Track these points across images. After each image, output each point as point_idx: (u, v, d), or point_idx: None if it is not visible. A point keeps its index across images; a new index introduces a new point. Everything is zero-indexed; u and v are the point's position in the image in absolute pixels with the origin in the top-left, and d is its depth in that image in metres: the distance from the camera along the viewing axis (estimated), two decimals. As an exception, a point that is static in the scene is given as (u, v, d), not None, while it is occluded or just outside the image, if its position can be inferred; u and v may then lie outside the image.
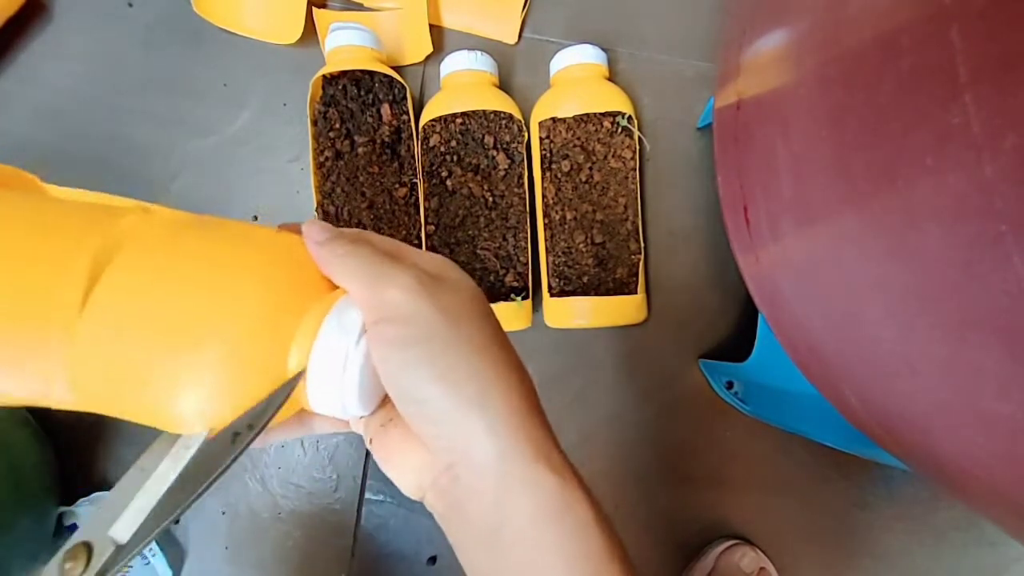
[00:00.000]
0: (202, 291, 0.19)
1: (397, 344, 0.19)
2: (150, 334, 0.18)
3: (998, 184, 0.15)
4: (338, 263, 0.21)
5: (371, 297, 0.20)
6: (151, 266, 0.19)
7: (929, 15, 0.17)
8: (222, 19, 0.51)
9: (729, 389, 0.49)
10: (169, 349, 0.18)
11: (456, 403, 0.19)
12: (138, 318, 0.18)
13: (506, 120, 0.48)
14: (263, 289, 0.20)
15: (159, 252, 0.19)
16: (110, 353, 0.18)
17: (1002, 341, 0.17)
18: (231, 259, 0.20)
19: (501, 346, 0.21)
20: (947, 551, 0.52)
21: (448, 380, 0.19)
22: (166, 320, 0.18)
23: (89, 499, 0.45)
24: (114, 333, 0.18)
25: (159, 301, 0.18)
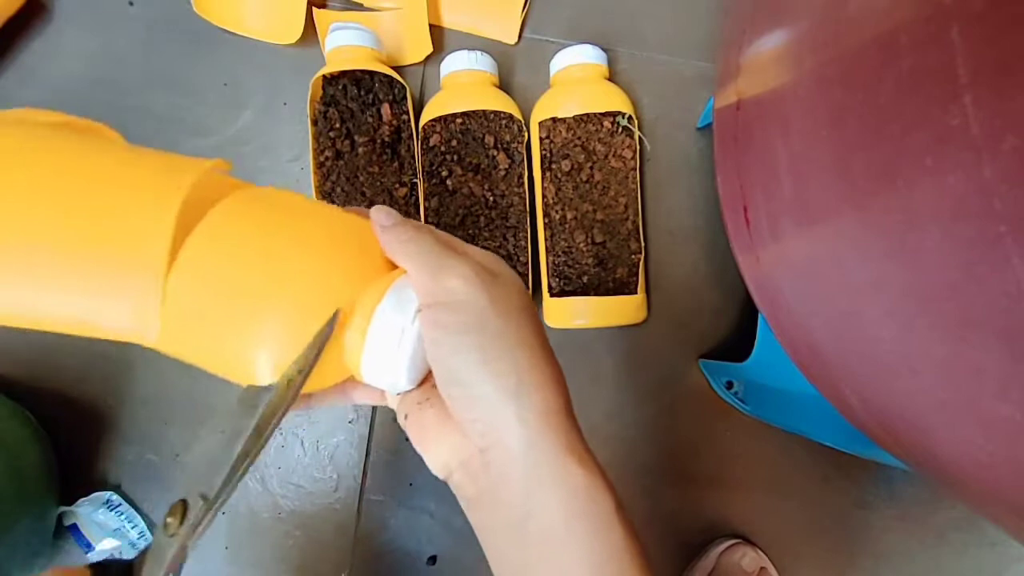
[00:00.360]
0: (281, 259, 0.21)
1: (451, 329, 0.20)
2: (234, 293, 0.20)
3: (997, 185, 0.15)
4: (402, 247, 0.22)
5: (431, 282, 0.21)
6: (237, 231, 0.21)
7: (929, 16, 0.17)
8: (222, 19, 0.51)
9: (729, 389, 0.49)
10: (250, 308, 0.20)
11: (495, 390, 0.20)
12: (224, 277, 0.20)
13: (506, 120, 0.48)
14: (333, 262, 0.22)
15: (244, 218, 0.21)
16: (197, 305, 0.20)
17: (1002, 341, 0.17)
18: (307, 232, 0.22)
19: (541, 344, 0.22)
20: (947, 551, 0.52)
21: (492, 368, 0.20)
22: (249, 282, 0.20)
23: (89, 499, 0.45)
24: (202, 287, 0.20)
25: (244, 264, 0.20)
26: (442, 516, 0.49)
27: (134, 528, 0.45)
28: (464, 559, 0.49)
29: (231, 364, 0.21)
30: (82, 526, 0.45)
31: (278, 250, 0.21)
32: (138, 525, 0.46)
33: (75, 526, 0.45)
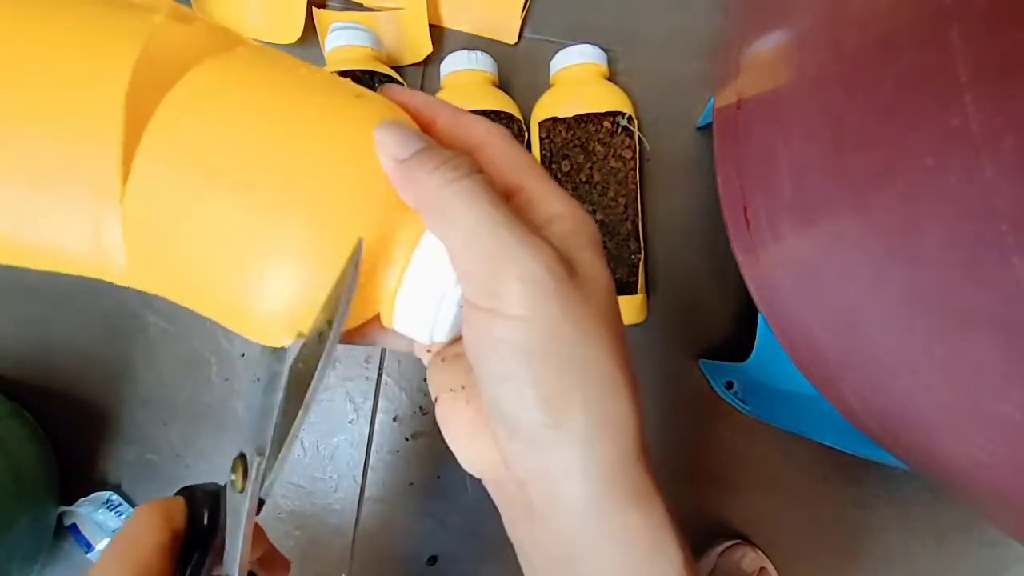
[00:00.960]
0: (283, 162, 0.15)
1: (502, 351, 0.15)
2: (222, 200, 0.14)
3: (998, 184, 0.15)
4: (439, 205, 0.15)
5: (485, 280, 0.15)
6: (218, 112, 0.15)
7: (929, 16, 0.17)
8: (222, 19, 0.51)
9: (729, 389, 0.49)
10: (245, 238, 0.15)
11: (556, 434, 0.15)
12: (206, 175, 0.14)
13: (506, 120, 0.48)
14: (357, 169, 0.16)
15: (232, 89, 0.15)
16: (169, 223, 0.14)
17: (1002, 341, 0.17)
18: (329, 120, 0.16)
19: (622, 368, 0.16)
20: (947, 551, 0.52)
21: (554, 406, 0.15)
22: (243, 184, 0.15)
23: (89, 499, 0.45)
24: (172, 198, 0.14)
25: (232, 159, 0.15)
26: (442, 516, 0.49)
27: (134, 528, 0.45)
28: (464, 559, 0.49)
29: (233, 315, 0.16)
30: (82, 526, 0.45)
31: (278, 147, 0.15)
32: (138, 525, 0.46)
33: (75, 526, 0.45)
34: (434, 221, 0.16)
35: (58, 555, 0.46)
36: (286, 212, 0.15)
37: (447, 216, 0.15)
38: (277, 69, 0.17)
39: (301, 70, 0.17)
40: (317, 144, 0.15)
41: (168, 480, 0.48)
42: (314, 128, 0.16)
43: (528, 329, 0.15)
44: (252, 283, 0.15)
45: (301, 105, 0.16)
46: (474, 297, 0.16)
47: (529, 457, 0.16)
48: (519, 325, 0.15)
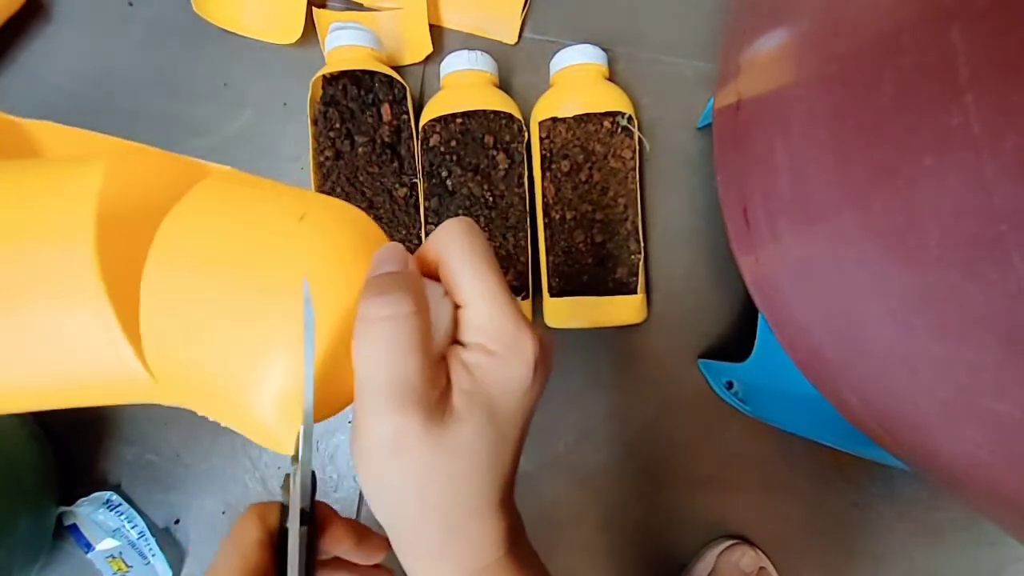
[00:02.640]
0: (268, 281, 0.18)
1: (371, 481, 0.19)
2: (214, 310, 0.17)
3: (998, 183, 0.15)
4: (357, 333, 0.18)
5: (356, 419, 0.19)
6: (204, 241, 0.18)
7: (930, 15, 0.17)
8: (222, 19, 0.51)
9: (729, 389, 0.49)
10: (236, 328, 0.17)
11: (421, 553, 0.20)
12: (201, 297, 0.17)
13: (506, 120, 0.48)
14: (342, 281, 0.19)
15: (208, 230, 0.18)
16: (176, 329, 0.17)
17: (1002, 340, 0.17)
18: (301, 244, 0.18)
19: (488, 507, 0.20)
20: (947, 551, 0.52)
21: (418, 531, 0.20)
22: (229, 299, 0.17)
23: (89, 499, 0.45)
24: (174, 318, 0.17)
25: (216, 279, 0.17)
26: (442, 516, 0.49)
27: (134, 528, 0.45)
28: (464, 559, 0.49)
29: (244, 417, 0.18)
30: (82, 526, 0.45)
31: (251, 271, 0.18)
32: (138, 525, 0.46)
33: (75, 526, 0.45)
34: (354, 346, 0.18)
35: (58, 555, 0.46)
36: (264, 314, 0.17)
37: (358, 348, 0.18)
38: (240, 206, 0.19)
39: (255, 202, 0.20)
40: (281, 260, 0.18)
41: (168, 480, 0.48)
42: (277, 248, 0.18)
43: (381, 481, 0.19)
44: (249, 376, 0.17)
45: (264, 233, 0.18)
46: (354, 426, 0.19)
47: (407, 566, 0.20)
48: (377, 475, 0.19)
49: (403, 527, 0.20)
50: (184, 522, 0.48)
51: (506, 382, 0.19)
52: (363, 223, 0.21)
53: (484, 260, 0.19)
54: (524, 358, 0.19)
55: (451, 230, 0.20)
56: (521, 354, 0.19)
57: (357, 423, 0.19)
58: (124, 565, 0.45)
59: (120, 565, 0.45)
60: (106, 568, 0.45)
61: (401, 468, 0.18)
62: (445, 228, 0.20)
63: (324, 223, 0.19)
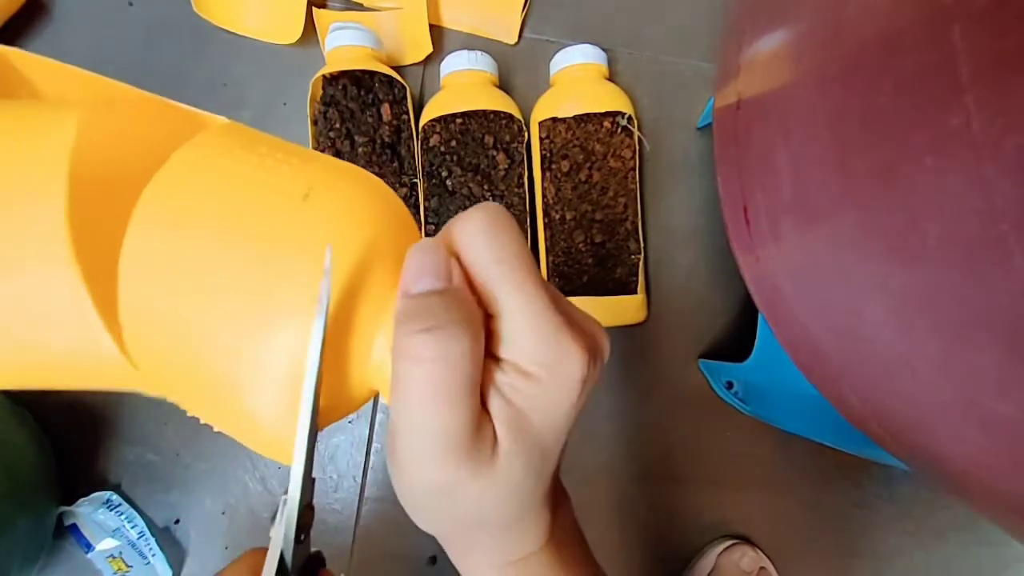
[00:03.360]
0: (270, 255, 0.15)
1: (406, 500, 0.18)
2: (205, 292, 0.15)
3: (999, 183, 0.15)
4: (396, 372, 0.15)
5: (390, 454, 0.17)
6: (192, 215, 0.15)
7: (930, 15, 0.17)
8: (222, 19, 0.51)
9: (729, 389, 0.49)
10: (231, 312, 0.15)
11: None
12: (186, 277, 0.15)
13: (506, 120, 0.48)
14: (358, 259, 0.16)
15: (196, 201, 0.16)
16: (161, 312, 0.15)
17: (1002, 341, 0.17)
18: (313, 210, 0.16)
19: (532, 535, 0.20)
20: (947, 551, 0.52)
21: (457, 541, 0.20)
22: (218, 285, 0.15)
23: (89, 499, 0.45)
24: (164, 287, 0.15)
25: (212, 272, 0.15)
26: (442, 516, 0.49)
27: (134, 528, 0.45)
28: (464, 559, 0.49)
29: (236, 418, 0.16)
30: (82, 526, 0.45)
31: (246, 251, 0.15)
32: (138, 525, 0.46)
33: (75, 526, 0.45)
34: (393, 381, 0.16)
35: (58, 555, 0.46)
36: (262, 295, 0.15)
37: (398, 389, 0.15)
38: (236, 169, 0.16)
39: (259, 164, 0.17)
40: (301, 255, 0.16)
41: (168, 480, 0.48)
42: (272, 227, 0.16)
43: (428, 514, 0.18)
44: (244, 369, 0.15)
45: (260, 209, 0.16)
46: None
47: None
48: (424, 509, 0.18)
49: (449, 537, 0.20)
50: (184, 522, 0.48)
51: (549, 407, 0.17)
52: (380, 194, 0.18)
53: (518, 262, 0.16)
54: (568, 379, 0.16)
55: (474, 225, 0.16)
56: (564, 375, 0.16)
57: (399, 461, 0.17)
58: (124, 565, 0.45)
59: (120, 565, 0.45)
60: (106, 568, 0.45)
61: (451, 505, 0.17)
62: (466, 221, 0.16)
63: (331, 202, 0.16)
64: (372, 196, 0.17)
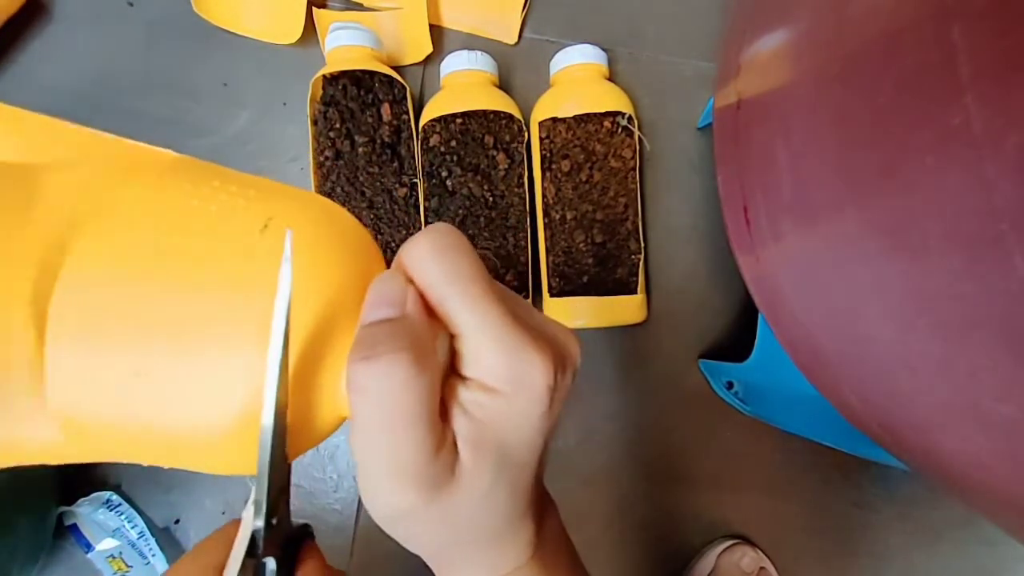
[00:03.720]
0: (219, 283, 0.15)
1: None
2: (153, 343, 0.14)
3: (999, 183, 0.15)
4: (350, 390, 0.15)
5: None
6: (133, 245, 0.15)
7: (930, 14, 0.17)
8: (222, 19, 0.51)
9: (729, 389, 0.49)
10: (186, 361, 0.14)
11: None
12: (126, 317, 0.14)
13: (506, 120, 0.48)
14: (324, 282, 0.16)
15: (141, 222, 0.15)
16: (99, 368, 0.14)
17: (1002, 341, 0.17)
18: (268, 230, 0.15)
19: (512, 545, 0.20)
20: (946, 550, 0.52)
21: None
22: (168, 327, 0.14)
23: (89, 499, 0.45)
24: (94, 341, 0.14)
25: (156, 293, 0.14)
26: (442, 516, 0.49)
27: (134, 528, 0.45)
28: (464, 559, 0.49)
29: (190, 444, 0.15)
30: (82, 526, 0.45)
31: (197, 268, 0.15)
32: (138, 525, 0.46)
33: (75, 526, 0.45)
34: (350, 414, 0.16)
35: (58, 555, 0.46)
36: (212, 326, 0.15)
37: (351, 418, 0.16)
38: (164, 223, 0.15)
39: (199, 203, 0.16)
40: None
41: (168, 480, 0.48)
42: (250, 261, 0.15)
43: (396, 533, 0.19)
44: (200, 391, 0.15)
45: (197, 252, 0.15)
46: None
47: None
48: (392, 530, 0.18)
49: (431, 557, 0.21)
50: (184, 522, 0.48)
51: (514, 420, 0.17)
52: (342, 224, 0.18)
53: (470, 282, 0.16)
54: (533, 391, 0.16)
55: (421, 249, 0.16)
56: (529, 387, 0.16)
57: (361, 489, 0.17)
58: (124, 565, 0.45)
59: (120, 565, 0.45)
60: (106, 568, 0.45)
61: (420, 527, 0.18)
62: (413, 246, 0.16)
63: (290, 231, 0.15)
64: (334, 227, 0.17)
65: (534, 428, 0.17)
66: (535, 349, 0.16)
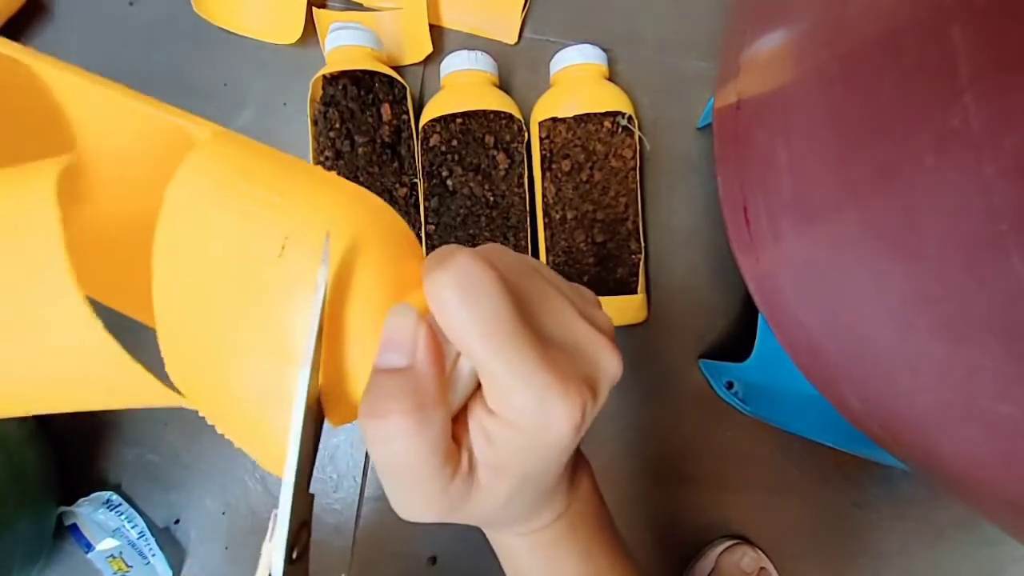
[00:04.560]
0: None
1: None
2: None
3: (998, 183, 0.15)
4: (367, 439, 0.16)
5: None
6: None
7: (930, 14, 0.17)
8: (222, 19, 0.51)
9: (729, 389, 0.49)
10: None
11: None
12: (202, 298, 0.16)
13: (506, 120, 0.48)
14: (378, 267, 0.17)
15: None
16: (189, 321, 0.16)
17: (1002, 341, 0.17)
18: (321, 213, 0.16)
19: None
20: (946, 551, 0.52)
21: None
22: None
23: (89, 499, 0.45)
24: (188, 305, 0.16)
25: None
26: (442, 516, 0.49)
27: (134, 528, 0.45)
28: (464, 559, 0.49)
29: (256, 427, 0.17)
30: (82, 526, 0.45)
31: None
32: (138, 525, 0.46)
33: (75, 526, 0.45)
34: (367, 441, 0.16)
35: (58, 555, 0.46)
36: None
37: (368, 448, 0.17)
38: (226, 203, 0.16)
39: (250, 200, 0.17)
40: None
41: (168, 480, 0.48)
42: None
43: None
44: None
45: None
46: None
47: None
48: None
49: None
50: (184, 522, 0.48)
51: (538, 453, 0.17)
52: (366, 208, 0.17)
53: (494, 326, 0.15)
54: (559, 433, 0.16)
55: (442, 289, 0.15)
56: (555, 430, 0.16)
57: (390, 500, 0.18)
58: (124, 565, 0.45)
59: (120, 565, 0.45)
60: (106, 568, 0.45)
61: (444, 521, 0.18)
62: (434, 284, 0.16)
63: (304, 253, 0.15)
64: (354, 217, 0.17)
65: (557, 459, 0.18)
66: (562, 394, 0.16)
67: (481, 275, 0.15)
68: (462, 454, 0.17)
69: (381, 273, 0.17)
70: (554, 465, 0.18)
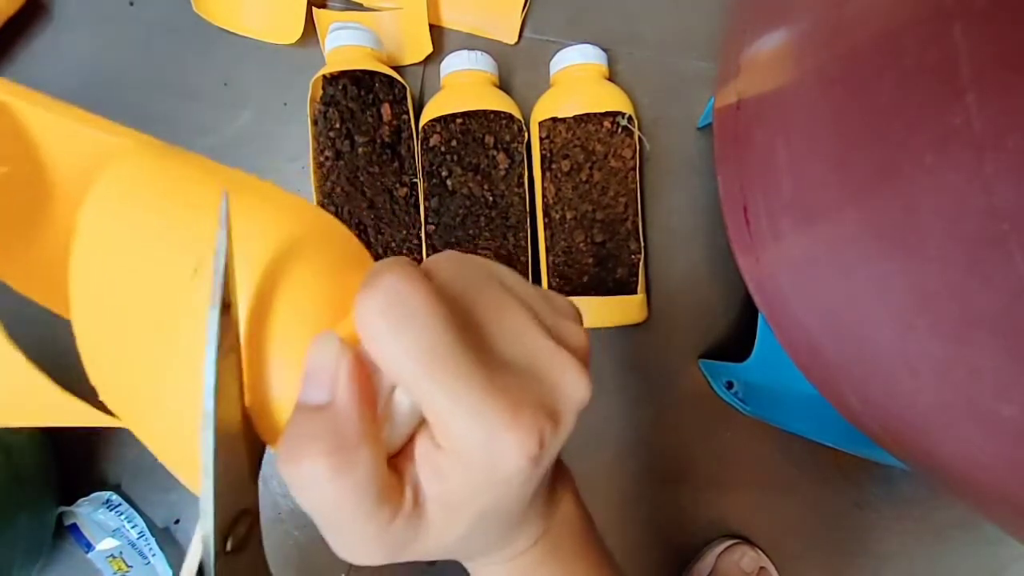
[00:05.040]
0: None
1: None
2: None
3: (1000, 182, 0.15)
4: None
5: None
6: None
7: (931, 14, 0.17)
8: (222, 19, 0.51)
9: (729, 389, 0.49)
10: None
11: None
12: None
13: (506, 120, 0.48)
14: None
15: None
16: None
17: (1003, 341, 0.17)
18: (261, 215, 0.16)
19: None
20: (947, 551, 0.52)
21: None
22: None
23: (89, 499, 0.45)
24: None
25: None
26: (442, 516, 0.49)
27: (134, 528, 0.45)
28: (464, 559, 0.49)
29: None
30: (82, 526, 0.45)
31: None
32: (138, 525, 0.46)
33: (75, 526, 0.45)
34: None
35: (58, 555, 0.46)
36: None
37: (296, 498, 0.15)
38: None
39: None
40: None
41: (168, 480, 0.48)
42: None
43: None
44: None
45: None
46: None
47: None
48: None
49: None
50: (184, 522, 0.48)
51: (490, 491, 0.15)
52: (316, 230, 0.17)
53: (430, 355, 0.14)
54: (512, 467, 0.15)
55: (371, 317, 0.14)
56: (508, 465, 0.15)
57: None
58: (124, 565, 0.45)
59: (120, 565, 0.45)
60: (106, 568, 0.45)
61: (390, 560, 0.16)
62: (363, 308, 0.14)
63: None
64: (282, 226, 0.16)
65: (519, 493, 0.16)
66: (511, 425, 0.14)
67: (412, 295, 0.14)
68: (405, 491, 0.15)
69: (315, 287, 0.16)
70: (515, 500, 0.16)
